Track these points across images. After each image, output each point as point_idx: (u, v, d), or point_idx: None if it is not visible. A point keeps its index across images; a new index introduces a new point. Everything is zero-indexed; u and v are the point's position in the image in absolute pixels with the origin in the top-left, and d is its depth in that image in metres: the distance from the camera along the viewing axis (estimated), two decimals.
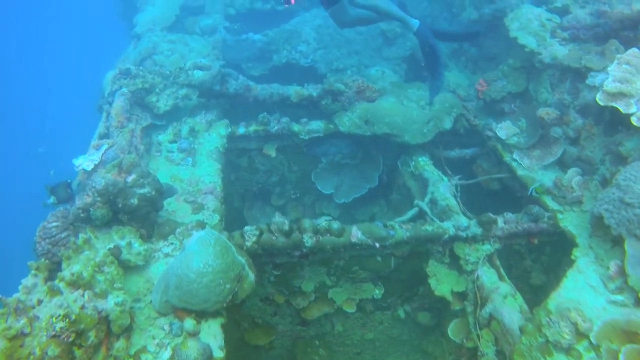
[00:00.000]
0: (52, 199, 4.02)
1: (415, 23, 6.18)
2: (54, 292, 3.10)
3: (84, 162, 4.52)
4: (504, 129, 5.89)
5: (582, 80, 5.32)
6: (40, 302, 3.12)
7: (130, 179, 4.05)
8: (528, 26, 5.89)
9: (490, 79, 6.26)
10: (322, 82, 6.17)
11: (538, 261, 5.42)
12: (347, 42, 8.09)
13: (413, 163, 5.88)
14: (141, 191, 3.95)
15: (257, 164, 6.23)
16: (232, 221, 6.03)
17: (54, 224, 3.71)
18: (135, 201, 3.87)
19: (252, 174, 6.30)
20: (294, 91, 5.97)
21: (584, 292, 3.95)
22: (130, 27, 8.21)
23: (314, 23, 8.39)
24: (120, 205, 3.83)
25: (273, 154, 5.95)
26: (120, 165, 4.44)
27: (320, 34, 8.18)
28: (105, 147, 4.62)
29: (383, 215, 6.55)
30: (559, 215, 4.81)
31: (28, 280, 3.32)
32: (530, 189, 5.12)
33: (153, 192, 4.02)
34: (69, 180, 4.19)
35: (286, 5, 5.91)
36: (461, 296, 4.69)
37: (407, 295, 5.31)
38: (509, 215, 4.82)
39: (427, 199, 5.25)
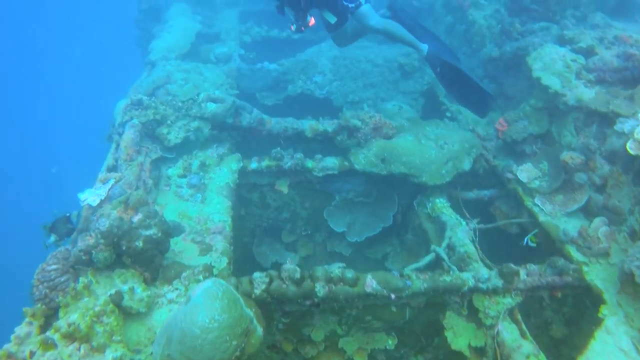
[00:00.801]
0: (52, 238, 3.84)
1: (424, 47, 6.14)
2: (47, 345, 2.90)
3: (90, 197, 4.36)
4: (525, 172, 5.67)
5: (610, 126, 5.11)
6: (32, 354, 2.92)
7: (136, 219, 3.87)
8: (552, 66, 5.70)
9: (511, 119, 6.06)
10: (338, 117, 6.02)
11: (559, 312, 5.14)
12: (364, 74, 7.95)
13: (430, 204, 5.66)
14: (147, 233, 3.76)
15: (268, 199, 6.04)
16: (240, 257, 5.83)
17: (54, 266, 3.52)
18: (140, 244, 3.68)
19: (262, 209, 6.10)
20: (308, 126, 5.81)
21: (614, 357, 3.68)
22: (146, 53, 8.15)
23: (330, 54, 8.28)
24: (124, 248, 3.64)
25: (285, 190, 5.77)
26: (126, 202, 4.27)
27: (337, 65, 8.06)
28: (112, 181, 4.46)
29: (396, 255, 6.30)
30: (585, 268, 4.56)
31: (21, 329, 3.12)
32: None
33: (159, 234, 3.83)
34: (67, 214, 4.01)
35: (301, 28, 5.84)
36: (479, 352, 4.41)
37: (421, 346, 5.04)
38: (532, 267, 4.57)
39: (444, 244, 5.02)
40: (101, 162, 5.44)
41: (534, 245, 4.93)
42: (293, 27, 5.90)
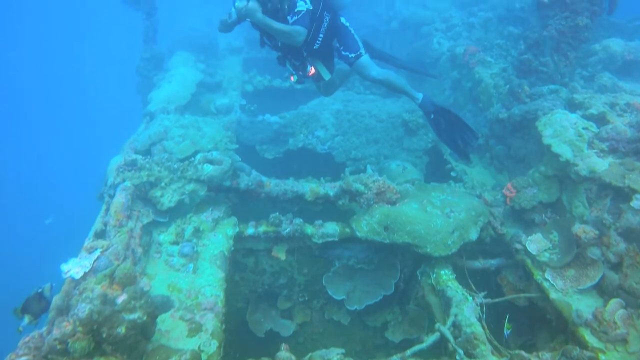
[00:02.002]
0: (26, 319, 3.54)
1: (419, 96, 5.98)
2: None
3: (73, 269, 4.07)
4: (535, 243, 5.40)
5: (625, 201, 4.87)
6: None
7: (120, 300, 3.58)
8: (563, 134, 5.50)
9: (520, 186, 5.83)
10: (340, 176, 5.80)
11: None
12: (367, 129, 7.78)
13: (434, 275, 5.36)
14: (131, 317, 3.47)
15: (264, 265, 5.75)
16: (233, 325, 5.52)
17: (24, 358, 3.21)
18: (122, 330, 3.38)
19: (258, 275, 5.81)
20: (309, 189, 5.56)
21: None
22: (146, 102, 8.03)
23: (333, 107, 8.14)
24: (104, 335, 3.34)
25: (283, 257, 5.49)
26: (112, 275, 4.01)
27: (340, 119, 7.90)
28: (98, 252, 4.19)
29: (397, 325, 5.97)
30: (601, 356, 4.24)
31: None
32: (505, 332, 4.68)
33: (145, 318, 3.54)
34: (39, 290, 3.71)
35: (301, 79, 5.79)
36: None
37: None
38: (545, 356, 4.25)
39: (449, 323, 4.70)
40: (94, 216, 5.22)
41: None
42: (293, 78, 5.78)
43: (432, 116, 6.04)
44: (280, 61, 5.76)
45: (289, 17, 5.13)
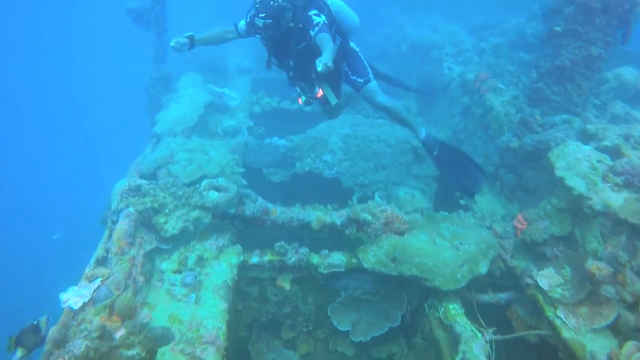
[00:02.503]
0: (19, 352, 3.41)
1: (423, 132, 5.92)
2: None
3: (72, 298, 3.98)
4: (546, 278, 5.25)
5: None
6: None
7: (118, 335, 3.48)
8: (576, 167, 5.38)
9: (531, 218, 5.69)
10: (347, 205, 5.70)
11: None
12: (375, 155, 7.69)
13: (442, 310, 5.21)
14: (129, 353, 3.37)
15: (268, 293, 5.63)
16: (235, 355, 5.39)
17: None
18: None
19: (262, 303, 5.69)
20: (315, 217, 5.46)
21: None
22: (153, 123, 7.99)
23: (341, 131, 8.06)
24: None
25: (287, 286, 5.37)
26: (112, 306, 3.91)
27: (347, 144, 7.82)
28: (98, 281, 4.09)
29: (403, 358, 5.83)
30: None
31: None
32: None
33: (144, 354, 3.44)
34: (35, 322, 3.59)
35: (309, 101, 5.74)
36: None
37: None
38: None
39: None
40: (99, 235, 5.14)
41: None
42: (301, 100, 5.70)
43: (436, 153, 5.94)
44: (292, 81, 5.68)
45: (310, 32, 5.07)
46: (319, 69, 4.53)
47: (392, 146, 7.76)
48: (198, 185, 5.18)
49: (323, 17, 5.20)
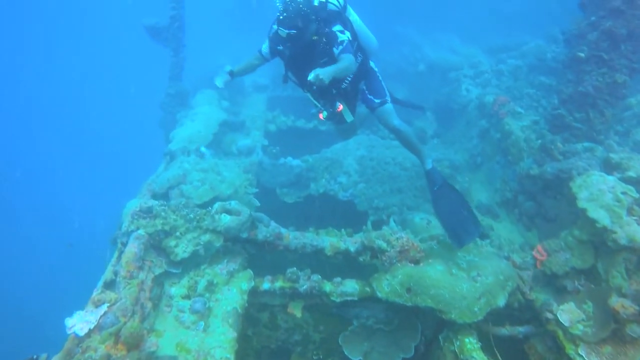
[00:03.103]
0: None
1: (429, 163, 5.90)
2: None
3: (78, 324, 3.89)
4: (567, 313, 5.06)
5: None
6: None
7: None
8: (600, 198, 5.20)
9: (551, 249, 5.51)
10: (362, 230, 5.58)
11: None
12: (391, 177, 7.56)
13: (458, 343, 5.04)
14: None
15: (279, 320, 5.50)
16: None
17: None
18: None
19: (272, 330, 5.55)
20: (329, 244, 5.33)
21: None
22: (167, 141, 7.96)
23: (356, 153, 7.95)
24: None
25: (299, 314, 5.22)
26: (118, 334, 3.81)
27: (363, 166, 7.70)
28: (105, 307, 4.00)
29: None
30: None
31: None
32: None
33: None
34: (34, 357, 3.50)
35: (328, 117, 5.68)
36: None
37: None
38: None
39: None
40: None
41: None
42: (322, 115, 5.59)
43: (436, 188, 5.85)
44: (315, 97, 5.56)
45: (334, 49, 5.01)
46: (309, 77, 4.54)
47: (408, 169, 7.63)
48: (210, 208, 5.07)
49: (347, 34, 5.15)
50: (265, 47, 5.60)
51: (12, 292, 15.85)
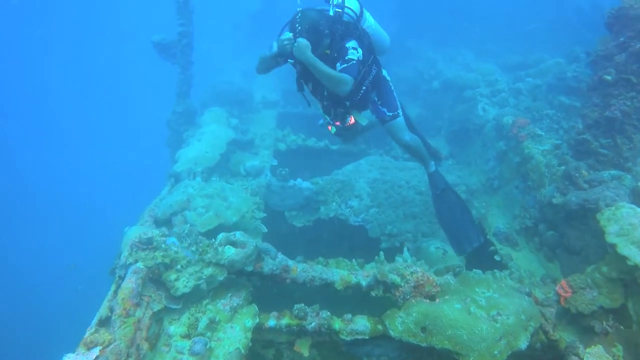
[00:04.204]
0: None
1: (432, 166, 6.00)
2: None
3: None
4: (595, 357, 4.69)
5: None
6: None
7: None
8: (631, 233, 4.84)
9: (577, 285, 5.16)
10: (374, 260, 5.27)
11: None
12: (404, 202, 7.24)
13: None
14: None
15: (284, 358, 5.17)
16: None
17: None
18: None
19: None
20: (339, 277, 5.02)
21: None
22: (174, 155, 7.73)
23: (369, 176, 7.65)
24: None
25: (306, 352, 4.90)
26: None
27: (375, 189, 7.39)
28: (97, 351, 3.71)
29: None
30: None
31: None
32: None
33: None
34: None
35: (339, 131, 5.46)
36: None
37: None
38: None
39: None
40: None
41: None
42: (331, 129, 5.35)
43: (438, 192, 5.87)
44: (326, 110, 5.34)
45: (338, 64, 4.74)
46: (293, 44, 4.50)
47: (423, 193, 7.31)
48: (213, 239, 4.78)
49: (360, 53, 4.86)
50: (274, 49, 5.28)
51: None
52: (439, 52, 12.84)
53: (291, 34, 4.60)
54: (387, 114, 5.48)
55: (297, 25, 4.63)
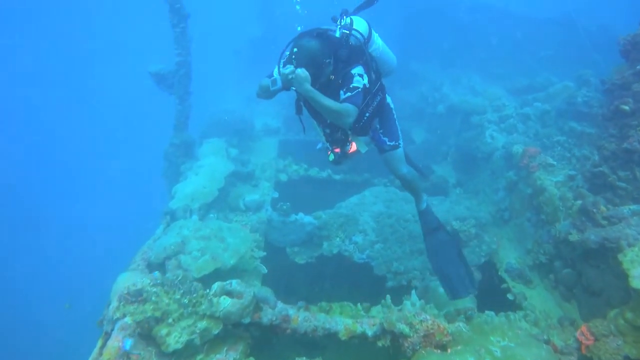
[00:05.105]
0: None
1: (424, 202, 5.68)
2: None
3: None
4: None
5: None
6: None
7: None
8: None
9: (599, 332, 4.80)
10: (379, 299, 4.93)
11: None
12: (411, 237, 6.91)
13: None
14: None
15: None
16: None
17: None
18: None
19: None
20: (343, 326, 4.70)
21: None
22: (171, 186, 7.46)
23: (373, 209, 7.34)
24: None
25: None
26: None
27: (381, 224, 7.07)
28: None
29: None
30: None
31: None
32: None
33: None
34: None
35: (339, 160, 5.15)
36: None
37: None
38: None
39: None
40: None
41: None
42: (330, 155, 5.04)
43: (431, 229, 5.63)
44: (328, 138, 5.01)
45: (342, 92, 4.41)
46: (285, 71, 4.15)
47: None
48: (208, 290, 4.46)
49: (366, 80, 4.55)
50: (276, 74, 4.97)
51: None
52: (444, 74, 12.59)
53: (292, 66, 4.31)
54: (388, 143, 5.17)
55: (292, 57, 4.34)
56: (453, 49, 13.76)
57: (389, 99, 5.28)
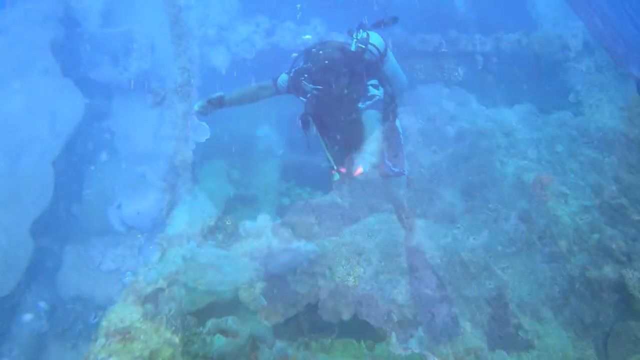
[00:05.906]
0: None
1: None
2: None
3: None
4: None
5: None
6: None
7: None
8: None
9: None
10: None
11: None
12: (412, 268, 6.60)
13: None
14: None
15: None
16: None
17: None
18: None
19: None
20: None
21: None
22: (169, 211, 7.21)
23: (378, 237, 7.04)
24: None
25: None
26: None
27: (385, 254, 6.77)
28: None
29: None
30: None
31: None
32: None
33: None
34: None
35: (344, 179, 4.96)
36: None
37: None
38: None
39: None
40: None
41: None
42: (335, 175, 4.86)
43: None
44: (337, 157, 4.93)
45: (360, 104, 4.38)
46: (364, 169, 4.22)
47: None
48: (201, 327, 4.18)
49: (381, 91, 4.40)
50: (283, 80, 4.81)
51: None
52: (452, 97, 12.34)
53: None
54: (393, 169, 4.96)
55: (308, 68, 4.26)
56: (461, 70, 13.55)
57: (398, 123, 5.09)
